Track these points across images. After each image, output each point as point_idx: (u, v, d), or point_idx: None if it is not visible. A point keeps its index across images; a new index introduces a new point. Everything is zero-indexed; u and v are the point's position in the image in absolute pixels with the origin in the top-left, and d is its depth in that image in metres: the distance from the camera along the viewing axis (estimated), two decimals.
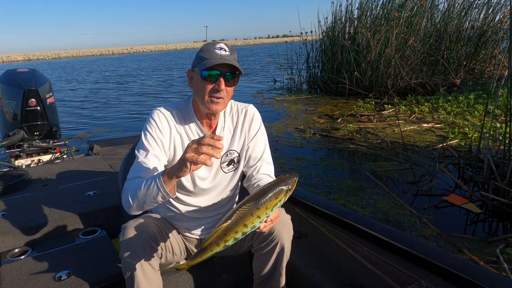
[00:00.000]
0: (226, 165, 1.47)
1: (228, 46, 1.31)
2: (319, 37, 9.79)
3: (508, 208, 2.94)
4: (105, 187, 2.46)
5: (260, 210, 1.04)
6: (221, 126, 1.45)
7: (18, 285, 1.54)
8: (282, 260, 1.43)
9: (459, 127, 5.22)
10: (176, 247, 1.53)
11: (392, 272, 1.37)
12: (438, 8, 8.82)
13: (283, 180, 1.08)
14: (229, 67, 1.28)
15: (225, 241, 1.06)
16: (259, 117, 1.51)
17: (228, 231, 1.05)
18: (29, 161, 3.54)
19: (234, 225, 1.04)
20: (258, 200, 1.04)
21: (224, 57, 1.26)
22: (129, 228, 1.31)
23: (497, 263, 2.32)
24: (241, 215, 1.03)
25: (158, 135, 1.35)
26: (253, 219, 1.04)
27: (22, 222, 1.98)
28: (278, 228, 1.36)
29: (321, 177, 3.92)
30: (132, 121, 8.13)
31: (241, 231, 1.05)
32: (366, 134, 5.42)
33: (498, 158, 3.31)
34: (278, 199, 1.06)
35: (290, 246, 1.42)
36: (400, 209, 3.09)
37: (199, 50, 1.32)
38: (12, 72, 3.57)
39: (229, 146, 1.46)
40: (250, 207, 1.03)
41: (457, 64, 8.54)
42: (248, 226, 1.04)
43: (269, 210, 1.05)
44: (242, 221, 1.04)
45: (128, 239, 1.29)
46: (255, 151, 1.47)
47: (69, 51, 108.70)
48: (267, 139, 1.53)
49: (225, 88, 1.29)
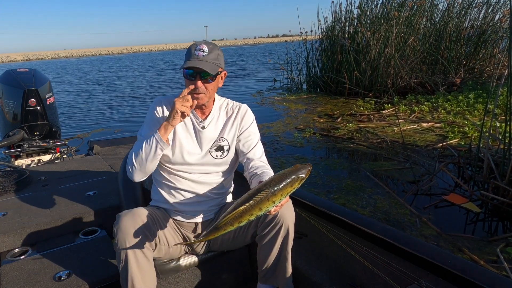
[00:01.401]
0: (214, 150, 1.54)
1: (209, 46, 1.42)
2: (319, 37, 9.79)
3: (508, 207, 2.94)
4: (105, 187, 2.46)
5: (276, 196, 1.11)
6: (214, 115, 1.56)
7: (18, 285, 1.54)
8: (288, 244, 1.47)
9: (459, 127, 5.22)
10: (171, 238, 1.55)
11: (392, 272, 1.37)
12: (438, 8, 8.83)
13: (299, 169, 1.16)
14: (203, 69, 1.38)
15: (239, 222, 1.12)
16: (252, 115, 1.61)
17: (244, 213, 1.11)
18: (29, 161, 3.54)
19: (251, 209, 1.10)
20: (275, 186, 1.11)
21: (200, 58, 1.39)
22: (123, 216, 1.36)
23: (497, 262, 2.32)
24: (259, 199, 1.10)
25: (159, 119, 1.49)
26: (268, 204, 1.11)
27: (22, 222, 1.98)
28: (282, 210, 1.42)
29: (321, 177, 3.92)
30: (132, 121, 8.13)
31: (256, 214, 1.11)
32: (366, 134, 5.42)
33: (498, 157, 3.31)
34: (293, 186, 1.14)
35: (293, 229, 1.47)
36: (400, 209, 3.09)
37: (186, 50, 1.46)
38: (12, 72, 3.57)
39: (221, 133, 1.55)
40: (268, 193, 1.10)
41: (457, 63, 8.54)
42: (262, 210, 1.11)
43: (283, 197, 1.13)
44: (258, 205, 1.10)
45: (122, 228, 1.33)
46: (248, 140, 1.56)
47: (69, 51, 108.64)
48: (259, 135, 1.61)
49: (203, 85, 1.41)
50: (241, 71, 18.26)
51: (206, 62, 1.39)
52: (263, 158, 1.57)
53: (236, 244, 1.64)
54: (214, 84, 1.46)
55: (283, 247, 1.47)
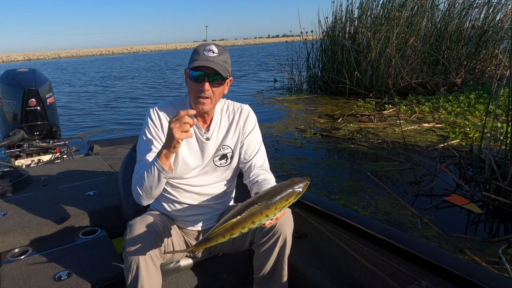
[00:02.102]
0: (218, 159, 1.50)
1: (218, 47, 1.35)
2: (320, 37, 9.79)
3: (510, 208, 2.93)
4: (105, 187, 2.46)
5: (270, 210, 1.07)
6: (216, 122, 1.50)
7: (18, 285, 1.54)
8: (284, 254, 1.44)
9: (460, 127, 5.21)
10: (176, 244, 1.54)
11: (392, 272, 1.37)
12: (439, 8, 8.82)
13: (296, 183, 1.11)
14: (214, 69, 1.31)
15: (231, 234, 1.09)
16: (254, 116, 1.57)
17: (236, 226, 1.08)
18: (29, 161, 3.54)
19: (243, 221, 1.07)
20: (269, 200, 1.07)
21: (210, 59, 1.31)
22: (136, 225, 1.33)
23: (499, 263, 2.31)
24: (251, 212, 1.06)
25: (155, 133, 1.43)
26: (261, 217, 1.07)
27: (22, 222, 1.98)
28: (280, 221, 1.38)
29: (322, 177, 3.92)
30: (132, 121, 8.13)
31: (248, 227, 1.08)
32: (367, 134, 5.41)
33: (500, 158, 3.30)
34: (289, 201, 1.09)
35: (291, 239, 1.44)
36: (401, 210, 3.08)
37: (192, 51, 1.39)
38: (12, 72, 3.57)
39: (223, 141, 1.50)
40: (261, 207, 1.06)
41: (458, 63, 8.53)
42: (255, 223, 1.08)
43: (278, 211, 1.09)
44: (250, 218, 1.07)
45: (135, 236, 1.30)
46: (250, 147, 1.52)
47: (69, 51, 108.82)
48: (261, 138, 1.57)
49: (210, 88, 1.33)
50: (241, 72, 18.26)
51: (216, 63, 1.31)
52: (265, 165, 1.53)
53: (236, 249, 1.62)
54: (221, 89, 1.39)
55: (280, 257, 1.44)
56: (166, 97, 11.89)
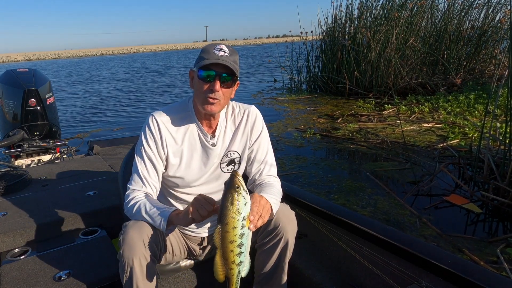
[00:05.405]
0: (225, 165, 1.47)
1: (229, 48, 1.30)
2: (319, 37, 9.79)
3: (509, 208, 2.93)
4: (105, 187, 2.46)
5: (229, 223, 1.05)
6: (221, 127, 1.45)
7: (18, 285, 1.54)
8: (285, 256, 1.43)
9: (459, 127, 5.21)
10: (176, 247, 1.53)
11: (392, 272, 1.37)
12: (438, 8, 8.83)
13: (227, 184, 1.09)
14: (226, 68, 1.27)
15: (232, 263, 1.08)
16: (261, 119, 1.51)
17: (224, 256, 1.08)
18: (29, 161, 3.54)
19: (224, 252, 1.07)
20: (221, 218, 1.06)
21: (222, 58, 1.25)
22: (130, 226, 1.31)
23: (497, 263, 2.31)
24: (219, 240, 1.06)
25: (154, 142, 1.39)
26: (232, 234, 1.06)
27: (22, 222, 1.98)
28: (283, 223, 1.37)
29: (321, 177, 3.92)
30: (132, 121, 8.13)
31: (232, 248, 1.07)
32: (366, 134, 5.41)
33: (499, 158, 3.31)
34: (235, 202, 1.07)
35: (293, 242, 1.43)
36: (401, 209, 3.09)
37: (201, 50, 1.33)
38: (12, 72, 3.57)
39: (230, 146, 1.46)
40: (220, 229, 1.06)
41: (457, 64, 8.53)
42: (235, 240, 1.06)
43: (238, 214, 1.06)
44: (225, 243, 1.06)
45: (129, 237, 1.28)
46: (258, 153, 1.48)
47: (69, 51, 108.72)
48: (269, 140, 1.53)
49: (220, 89, 1.28)
50: (241, 72, 18.24)
51: (228, 63, 1.25)
52: (272, 171, 1.49)
53: None
54: (230, 91, 1.34)
55: (281, 258, 1.43)
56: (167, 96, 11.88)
